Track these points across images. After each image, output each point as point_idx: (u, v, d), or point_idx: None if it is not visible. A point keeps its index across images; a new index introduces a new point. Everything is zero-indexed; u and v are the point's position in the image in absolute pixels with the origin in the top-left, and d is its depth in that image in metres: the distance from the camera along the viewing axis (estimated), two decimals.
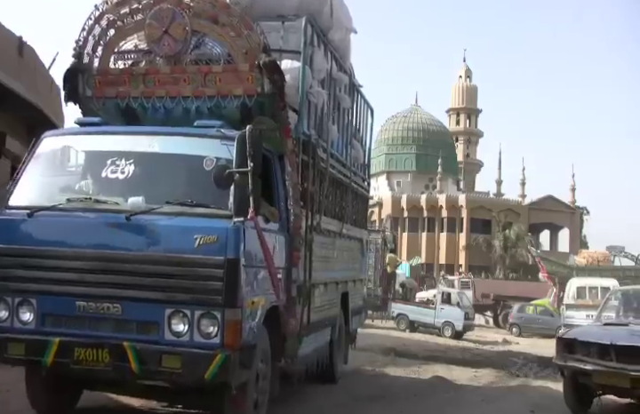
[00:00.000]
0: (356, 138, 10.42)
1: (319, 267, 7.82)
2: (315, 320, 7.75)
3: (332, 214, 8.80)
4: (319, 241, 7.85)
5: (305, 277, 7.13)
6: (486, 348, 20.37)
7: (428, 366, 13.74)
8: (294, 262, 6.64)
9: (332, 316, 9.02)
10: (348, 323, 10.22)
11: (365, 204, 11.78)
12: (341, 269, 9.49)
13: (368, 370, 12.29)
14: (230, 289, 5.31)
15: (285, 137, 6.48)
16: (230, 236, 5.34)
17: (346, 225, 9.56)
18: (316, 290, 7.81)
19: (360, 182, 10.92)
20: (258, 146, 5.50)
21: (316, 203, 7.71)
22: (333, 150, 8.64)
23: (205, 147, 5.85)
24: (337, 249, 9.09)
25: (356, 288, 10.93)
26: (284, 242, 6.50)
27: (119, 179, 5.84)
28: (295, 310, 6.73)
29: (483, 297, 34.86)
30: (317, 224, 7.77)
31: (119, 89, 6.52)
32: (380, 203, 61.19)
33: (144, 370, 5.35)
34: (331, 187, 8.63)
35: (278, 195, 6.49)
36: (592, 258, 38.55)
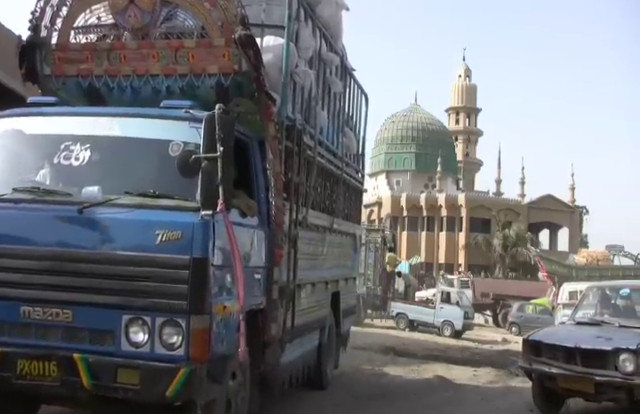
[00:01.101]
0: (348, 126, 9.62)
1: (306, 266, 7.18)
2: (300, 323, 7.08)
3: (320, 208, 8.04)
4: (306, 237, 7.20)
5: (289, 277, 6.47)
6: (486, 347, 20.29)
7: (428, 365, 13.72)
8: (276, 261, 5.91)
9: (321, 318, 8.34)
10: (340, 325, 9.56)
11: (359, 198, 10.94)
12: (332, 267, 8.76)
13: (367, 370, 12.27)
14: (196, 293, 4.61)
15: (266, 121, 5.76)
16: (197, 232, 4.65)
17: (337, 219, 8.78)
18: (301, 291, 7.16)
19: (353, 174, 10.13)
20: (229, 128, 4.78)
21: (301, 195, 6.96)
22: (322, 138, 7.90)
23: (172, 130, 5.16)
24: (327, 245, 8.40)
25: (349, 287, 10.23)
26: (264, 239, 5.78)
27: (73, 167, 5.12)
28: (277, 314, 6.04)
29: (482, 296, 34.79)
30: (304, 218, 7.06)
31: (80, 66, 5.80)
32: (379, 202, 61.32)
33: (97, 385, 4.63)
34: (319, 177, 7.87)
35: (258, 186, 5.76)
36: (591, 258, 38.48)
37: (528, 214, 58.90)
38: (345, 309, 9.83)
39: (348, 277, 10.03)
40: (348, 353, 13.98)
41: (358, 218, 11.09)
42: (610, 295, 9.92)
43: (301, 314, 7.13)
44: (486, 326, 33.61)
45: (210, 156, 4.68)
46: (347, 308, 10.09)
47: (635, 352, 7.73)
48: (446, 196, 59.38)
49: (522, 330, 28.29)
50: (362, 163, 11.00)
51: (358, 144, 10.52)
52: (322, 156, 7.86)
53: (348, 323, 10.55)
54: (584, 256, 40.22)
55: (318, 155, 7.61)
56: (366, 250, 25.20)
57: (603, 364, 7.89)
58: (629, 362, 7.72)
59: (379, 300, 26.11)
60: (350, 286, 10.43)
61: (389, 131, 65.39)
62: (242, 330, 4.91)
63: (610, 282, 12.60)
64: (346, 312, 9.98)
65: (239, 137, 5.40)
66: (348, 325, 10.77)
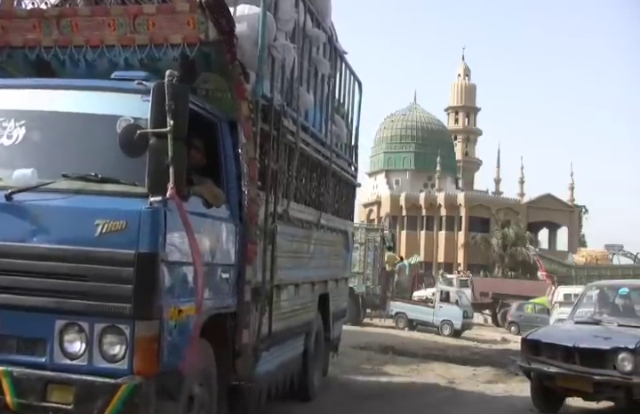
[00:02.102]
0: (339, 113, 8.88)
1: (287, 265, 6.51)
2: (280, 328, 6.36)
3: (305, 201, 7.32)
4: (287, 232, 6.49)
5: (264, 277, 5.71)
6: (485, 347, 20.27)
7: (427, 364, 13.75)
8: (248, 258, 5.18)
9: (307, 322, 7.63)
10: (329, 330, 8.83)
11: (352, 192, 10.16)
12: (319, 267, 8.03)
13: (367, 369, 12.29)
14: (143, 294, 3.89)
15: (239, 99, 5.04)
16: (144, 222, 3.92)
17: (325, 215, 8.05)
18: (282, 293, 6.44)
19: (344, 166, 9.36)
20: (182, 99, 4.02)
21: (281, 185, 6.24)
22: (308, 123, 7.17)
23: (121, 104, 4.41)
24: (313, 243, 7.68)
25: (339, 288, 9.47)
26: (234, 233, 5.08)
27: (4, 146, 4.43)
28: (250, 318, 5.30)
29: (481, 295, 34.67)
30: (284, 212, 6.36)
31: (27, 36, 5.11)
32: (378, 201, 61.34)
33: (23, 404, 3.89)
34: (304, 167, 7.15)
35: (227, 173, 5.06)
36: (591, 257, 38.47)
37: (527, 213, 58.83)
38: (335, 312, 9.11)
39: (338, 278, 9.31)
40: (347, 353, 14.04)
41: (351, 215, 10.33)
42: (609, 294, 9.92)
43: (282, 318, 6.43)
44: (485, 325, 33.55)
45: (158, 132, 3.93)
46: (337, 311, 9.36)
47: (633, 351, 7.74)
48: (445, 196, 59.30)
49: (521, 329, 28.30)
50: (355, 156, 10.22)
51: (351, 134, 9.85)
52: (307, 144, 7.09)
53: (338, 327, 9.78)
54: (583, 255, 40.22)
55: (302, 141, 6.83)
56: (365, 249, 25.19)
57: (601, 364, 7.91)
58: (628, 361, 7.73)
59: (378, 300, 26.07)
60: (341, 287, 9.71)
61: (388, 131, 65.36)
62: (193, 336, 4.24)
63: (609, 282, 12.55)
64: (336, 315, 9.28)
65: (207, 117, 4.89)
66: (339, 329, 9.97)
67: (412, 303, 27.21)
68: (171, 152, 3.93)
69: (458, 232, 58.63)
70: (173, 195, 3.96)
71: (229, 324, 5.05)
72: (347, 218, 9.79)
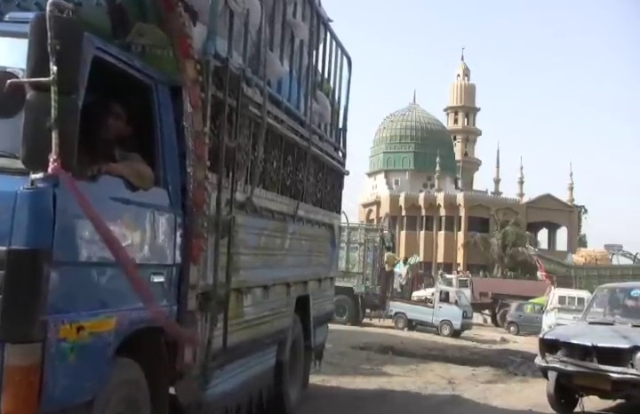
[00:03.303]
0: (322, 89, 7.93)
1: (252, 263, 5.54)
2: (242, 341, 5.38)
3: (278, 188, 6.26)
4: (252, 225, 5.49)
5: (217, 279, 4.66)
6: (484, 347, 20.27)
7: (426, 365, 13.76)
8: (193, 256, 4.19)
9: (280, 330, 6.58)
10: (310, 336, 7.85)
11: (339, 181, 9.06)
12: (297, 265, 7.01)
13: (366, 369, 12.29)
14: (15, 307, 2.88)
15: (182, 57, 4.05)
16: (20, 208, 2.93)
17: (304, 205, 7.06)
18: (244, 298, 5.44)
19: (330, 150, 8.30)
20: (71, 40, 2.97)
21: (243, 167, 5.20)
22: (279, 96, 6.10)
23: (13, 51, 3.36)
24: (289, 237, 6.69)
25: (323, 289, 8.45)
26: (173, 225, 4.07)
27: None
28: (195, 330, 4.31)
29: (481, 295, 34.63)
30: (248, 200, 5.30)
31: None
32: (378, 201, 61.38)
33: None
34: (275, 148, 6.10)
35: (164, 149, 4.03)
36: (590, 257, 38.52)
37: (527, 213, 58.78)
38: (318, 316, 8.11)
39: (321, 277, 8.26)
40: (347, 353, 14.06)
41: (337, 206, 9.17)
42: (620, 296, 10.13)
43: (244, 327, 5.44)
44: (485, 325, 33.54)
45: (36, 82, 2.90)
46: (320, 315, 8.33)
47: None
48: (445, 196, 59.27)
49: (520, 329, 28.49)
50: (343, 140, 9.12)
51: (337, 115, 8.82)
52: (279, 121, 6.03)
53: (321, 333, 8.72)
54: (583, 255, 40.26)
55: (272, 117, 5.77)
56: (365, 249, 25.23)
57: (619, 362, 8.08)
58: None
59: (377, 300, 26.08)
60: (326, 288, 8.67)
61: (388, 131, 65.40)
62: (105, 358, 3.34)
63: (620, 284, 12.79)
64: (319, 319, 8.25)
65: (137, 78, 3.89)
66: (323, 335, 8.93)
67: (411, 303, 27.23)
68: (54, 111, 2.88)
69: (457, 232, 58.61)
70: (58, 171, 2.89)
71: (166, 340, 3.98)
72: (332, 210, 8.73)
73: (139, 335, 3.67)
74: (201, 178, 4.23)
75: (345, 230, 25.43)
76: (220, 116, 4.70)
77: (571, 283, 31.08)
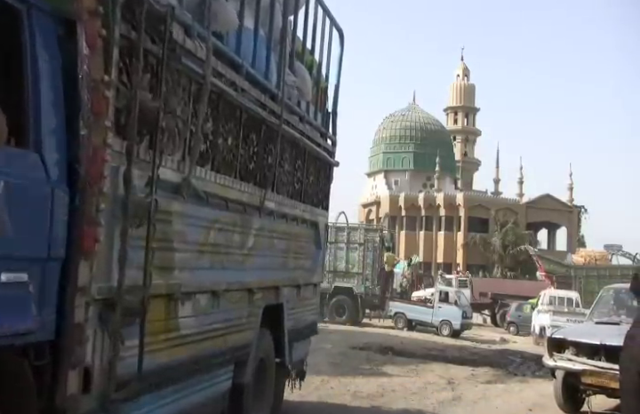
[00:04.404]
0: (303, 62, 6.86)
1: (193, 263, 4.42)
2: (175, 361, 4.22)
3: (235, 172, 5.11)
4: (192, 214, 4.37)
5: (122, 281, 3.43)
6: (484, 347, 20.32)
7: (426, 365, 13.76)
8: (83, 249, 3.13)
9: (238, 346, 5.36)
10: (284, 353, 6.54)
11: (326, 171, 7.78)
12: (264, 268, 5.80)
13: (366, 369, 12.29)
14: None
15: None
16: None
17: (275, 196, 5.95)
18: (180, 306, 4.28)
19: (313, 135, 7.08)
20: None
21: (173, 136, 4.05)
22: (237, 57, 4.98)
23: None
24: (253, 234, 5.48)
25: (304, 297, 7.19)
26: (50, 205, 3.01)
27: None
28: (85, 352, 3.24)
29: (480, 295, 34.69)
30: (184, 181, 4.16)
31: None
32: (377, 201, 61.38)
33: None
34: (230, 121, 4.95)
35: (36, 98, 3.04)
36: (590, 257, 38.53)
37: (526, 214, 58.82)
38: (295, 329, 6.85)
39: (301, 283, 7.01)
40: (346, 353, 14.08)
41: (324, 201, 7.83)
42: (625, 297, 10.17)
43: (179, 344, 4.29)
44: (484, 326, 33.59)
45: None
46: (299, 327, 7.06)
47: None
48: (444, 196, 59.28)
49: (520, 329, 28.46)
50: (333, 126, 7.95)
51: (325, 95, 7.73)
52: (238, 88, 4.92)
53: (301, 348, 7.42)
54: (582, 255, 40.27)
55: (228, 82, 4.73)
56: (365, 249, 25.26)
57: None
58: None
59: (377, 300, 26.11)
60: (307, 296, 7.40)
61: (388, 131, 65.41)
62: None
63: (625, 285, 12.90)
64: (297, 332, 6.99)
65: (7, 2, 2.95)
66: (303, 350, 7.58)
67: (411, 303, 27.24)
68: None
69: (457, 232, 58.61)
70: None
71: (37, 364, 3.01)
72: (317, 205, 7.48)
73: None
74: (98, 143, 3.17)
75: (345, 230, 25.57)
76: (134, 64, 3.54)
77: (570, 284, 31.14)
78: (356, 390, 9.78)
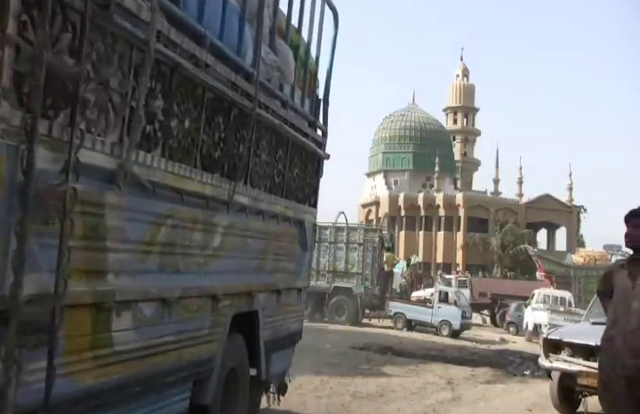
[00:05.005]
0: (285, 39, 5.99)
1: (134, 265, 3.66)
2: (102, 385, 3.43)
3: (195, 160, 4.31)
4: (132, 207, 3.59)
5: (18, 289, 2.70)
6: (483, 347, 20.31)
7: (426, 365, 13.77)
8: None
9: (198, 362, 4.60)
10: (260, 367, 5.79)
11: (313, 165, 6.99)
12: (234, 271, 5.07)
13: (365, 369, 12.30)
14: None
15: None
16: None
17: (249, 190, 5.23)
18: (114, 316, 3.52)
19: (299, 123, 6.28)
20: None
21: (101, 110, 3.29)
22: (199, 26, 4.17)
23: None
24: (220, 232, 4.75)
25: (285, 303, 6.40)
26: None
27: None
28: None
29: (480, 296, 34.65)
30: (120, 167, 3.41)
31: None
32: (377, 201, 61.43)
33: None
34: (187, 101, 4.13)
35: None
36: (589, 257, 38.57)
37: (526, 214, 58.88)
38: (274, 339, 6.12)
39: (281, 288, 6.25)
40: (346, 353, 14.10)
41: (311, 198, 7.03)
42: None
43: (113, 362, 3.54)
44: (484, 326, 33.54)
45: None
46: (279, 337, 6.31)
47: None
48: (444, 196, 59.32)
49: (520, 329, 28.42)
50: (324, 115, 7.16)
51: (314, 80, 6.96)
52: (199, 63, 4.14)
53: (282, 360, 6.64)
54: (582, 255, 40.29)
55: (186, 55, 3.96)
56: (364, 250, 25.29)
57: None
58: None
59: (377, 300, 26.12)
60: (290, 302, 6.64)
61: (387, 131, 65.49)
62: None
63: None
64: (276, 343, 6.24)
65: None
66: (285, 362, 6.84)
67: (410, 303, 27.24)
68: None
69: (456, 232, 58.64)
70: None
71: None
72: (303, 201, 6.75)
73: None
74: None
75: (344, 230, 25.58)
76: (39, 16, 2.81)
77: (570, 284, 31.17)
78: (356, 390, 9.78)
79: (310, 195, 6.98)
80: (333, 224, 26.28)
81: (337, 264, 25.20)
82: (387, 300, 26.64)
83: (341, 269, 25.25)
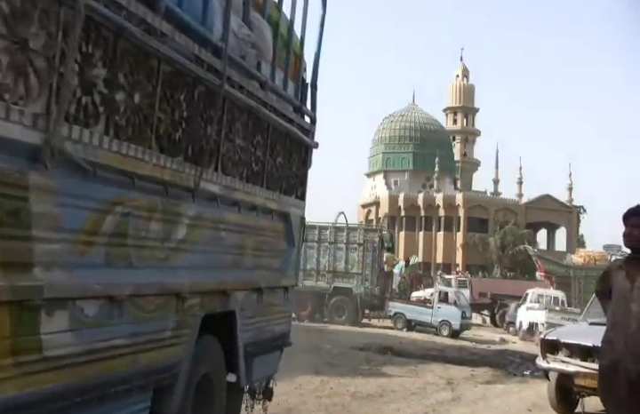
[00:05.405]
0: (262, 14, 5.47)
1: (65, 257, 3.14)
2: (26, 396, 2.96)
3: (149, 141, 3.75)
4: (67, 191, 3.09)
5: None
6: (483, 347, 20.31)
7: (425, 365, 13.78)
8: None
9: (159, 368, 4.05)
10: (239, 372, 5.27)
11: (299, 153, 6.37)
12: (204, 267, 4.55)
13: (365, 369, 12.31)
14: None
15: None
16: None
17: (222, 177, 4.69)
18: (43, 317, 3.02)
19: (282, 107, 5.72)
20: None
21: (18, 74, 2.81)
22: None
23: None
24: (186, 223, 4.21)
25: (268, 303, 5.80)
26: None
27: None
28: None
29: (480, 296, 34.69)
30: (46, 143, 2.94)
31: None
32: (377, 202, 61.45)
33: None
34: (138, 73, 3.60)
35: None
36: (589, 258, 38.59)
37: (526, 214, 58.89)
38: (255, 341, 5.56)
39: (263, 286, 5.66)
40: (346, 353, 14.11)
41: (298, 189, 6.43)
42: None
43: (35, 371, 3.02)
44: (484, 326, 33.58)
45: None
46: (262, 340, 5.74)
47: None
48: (444, 196, 59.32)
49: None
50: (312, 101, 6.62)
51: (300, 61, 6.37)
52: (154, 32, 3.64)
53: (266, 365, 6.02)
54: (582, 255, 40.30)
55: (135, 19, 3.47)
56: (364, 250, 25.31)
57: None
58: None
59: (376, 300, 26.14)
60: (275, 301, 6.06)
61: (387, 131, 65.51)
62: None
63: None
64: (259, 346, 5.68)
65: None
66: (270, 367, 6.23)
67: (410, 303, 27.27)
68: None
69: (456, 232, 58.64)
70: None
71: None
72: (289, 193, 6.18)
73: None
74: None
75: (344, 231, 25.61)
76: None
77: (569, 284, 31.21)
78: (356, 390, 9.79)
79: (297, 186, 6.38)
80: (333, 224, 26.32)
81: (337, 264, 25.25)
82: (386, 300, 26.67)
83: (341, 269, 25.29)
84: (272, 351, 6.17)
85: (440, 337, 22.75)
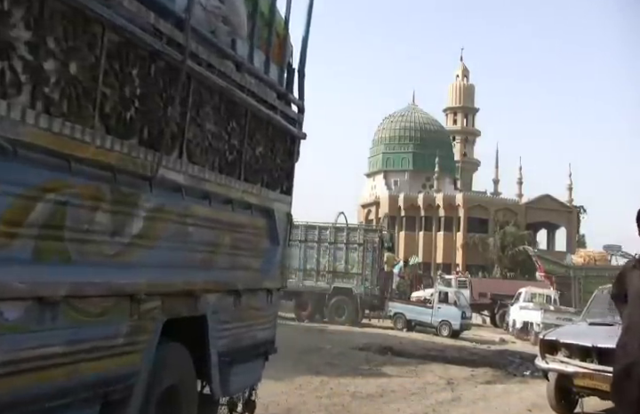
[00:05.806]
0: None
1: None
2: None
3: (92, 120, 3.24)
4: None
5: None
6: (483, 347, 20.32)
7: (425, 365, 13.79)
8: None
9: (108, 379, 3.54)
10: (212, 383, 4.80)
11: (286, 145, 5.88)
12: (166, 265, 4.01)
13: (365, 369, 12.32)
14: None
15: None
16: None
17: (188, 165, 4.18)
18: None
19: (260, 91, 5.16)
20: None
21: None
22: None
23: None
24: (142, 215, 3.73)
25: (248, 306, 5.29)
26: None
27: None
28: None
29: (480, 296, 34.72)
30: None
31: None
32: (377, 202, 61.49)
33: None
34: (72, 38, 3.06)
35: None
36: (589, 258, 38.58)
37: (526, 214, 58.90)
38: (234, 349, 5.08)
39: (243, 288, 5.14)
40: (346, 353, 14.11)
41: (283, 183, 5.92)
42: None
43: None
44: (484, 326, 33.59)
45: None
46: (241, 347, 5.24)
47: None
48: (444, 196, 59.34)
49: None
50: (299, 89, 6.06)
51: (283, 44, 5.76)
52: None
53: (247, 374, 5.49)
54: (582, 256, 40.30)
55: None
56: (364, 250, 25.33)
57: None
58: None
59: (376, 300, 26.15)
60: (257, 305, 5.53)
61: (387, 131, 65.57)
62: None
63: None
64: (238, 353, 5.16)
65: None
66: (251, 376, 5.66)
67: (410, 304, 27.29)
68: None
69: (456, 232, 58.65)
70: None
71: None
72: (273, 187, 5.66)
73: None
74: None
75: (344, 231, 25.63)
76: None
77: (569, 284, 31.16)
78: (356, 390, 9.79)
79: (282, 179, 5.84)
80: (333, 224, 26.34)
81: (337, 264, 25.27)
82: (386, 301, 26.68)
83: (341, 270, 25.31)
84: (253, 359, 5.57)
85: (440, 337, 22.74)
